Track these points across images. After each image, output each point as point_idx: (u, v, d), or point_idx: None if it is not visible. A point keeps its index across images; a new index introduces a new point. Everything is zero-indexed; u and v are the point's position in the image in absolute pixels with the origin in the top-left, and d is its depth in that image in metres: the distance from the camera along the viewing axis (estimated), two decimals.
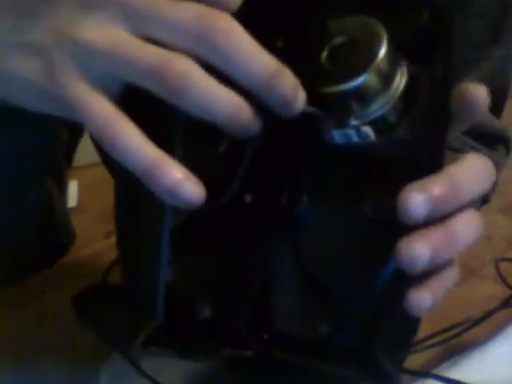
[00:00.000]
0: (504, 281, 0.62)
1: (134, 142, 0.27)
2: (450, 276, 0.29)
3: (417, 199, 0.27)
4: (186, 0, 0.27)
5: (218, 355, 0.33)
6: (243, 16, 0.27)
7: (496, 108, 0.52)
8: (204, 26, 0.26)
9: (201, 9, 0.26)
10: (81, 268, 0.63)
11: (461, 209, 0.29)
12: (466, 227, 0.29)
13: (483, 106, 0.29)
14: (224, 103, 0.27)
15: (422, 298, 0.28)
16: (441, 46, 0.29)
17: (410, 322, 0.33)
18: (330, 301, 0.32)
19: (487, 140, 0.52)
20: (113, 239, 0.40)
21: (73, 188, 0.75)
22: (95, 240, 0.66)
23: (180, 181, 0.26)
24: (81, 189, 0.76)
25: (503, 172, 0.56)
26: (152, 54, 0.26)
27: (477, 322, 0.55)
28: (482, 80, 0.46)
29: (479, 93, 0.29)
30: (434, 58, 0.29)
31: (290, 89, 0.27)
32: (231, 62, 0.26)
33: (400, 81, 0.29)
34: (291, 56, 0.31)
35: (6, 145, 0.36)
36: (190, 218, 0.31)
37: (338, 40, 0.30)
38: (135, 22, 0.27)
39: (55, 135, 0.38)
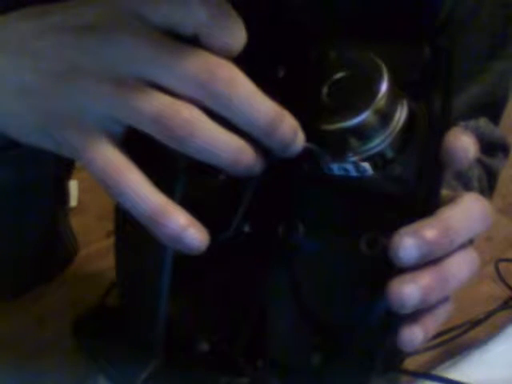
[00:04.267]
0: (504, 281, 0.62)
1: (137, 190, 0.27)
2: (443, 312, 0.30)
3: (409, 244, 0.27)
4: (190, 47, 0.27)
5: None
6: (245, 46, 0.27)
7: (495, 118, 0.52)
8: (206, 74, 0.26)
9: (204, 56, 0.27)
10: (81, 268, 0.63)
11: (454, 250, 0.29)
12: (459, 268, 0.29)
13: (463, 156, 0.29)
14: (227, 148, 0.27)
15: (414, 335, 0.29)
16: (440, 83, 0.29)
17: (401, 356, 0.33)
18: (324, 332, 0.32)
19: (487, 149, 0.52)
20: (113, 239, 0.40)
21: (73, 188, 0.75)
22: (95, 240, 0.66)
23: (184, 228, 0.27)
24: (81, 189, 0.76)
25: (504, 172, 0.56)
26: (156, 100, 0.26)
27: (477, 322, 0.55)
28: (482, 92, 0.47)
29: (460, 142, 0.29)
30: (433, 95, 0.29)
31: (289, 132, 0.28)
32: (232, 110, 0.26)
33: (399, 117, 0.29)
34: (292, 85, 0.31)
35: (8, 167, 0.36)
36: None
37: (339, 75, 0.30)
38: (139, 67, 0.27)
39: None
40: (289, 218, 0.33)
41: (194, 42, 0.27)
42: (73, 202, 0.73)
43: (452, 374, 0.52)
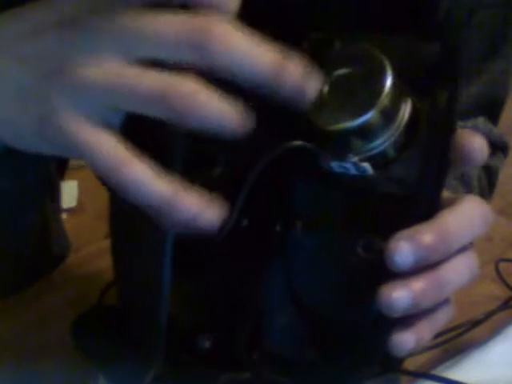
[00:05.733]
0: (504, 281, 0.62)
1: (146, 180, 0.26)
2: (441, 316, 0.29)
3: (404, 249, 0.27)
4: (175, 13, 0.26)
5: (218, 382, 0.33)
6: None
7: (494, 117, 0.52)
8: (195, 32, 0.25)
9: (189, 16, 0.25)
10: (80, 268, 0.63)
11: (452, 254, 0.28)
12: (456, 272, 0.29)
13: (479, 157, 0.28)
14: (230, 116, 0.26)
15: (405, 340, 0.28)
16: (446, 81, 0.29)
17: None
18: (319, 328, 0.32)
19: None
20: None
21: (73, 188, 0.75)
22: (95, 240, 0.66)
23: (202, 210, 0.26)
24: (81, 189, 0.76)
25: (503, 172, 0.56)
26: (154, 80, 0.26)
27: (477, 322, 0.55)
28: (481, 91, 0.46)
29: (476, 142, 0.28)
30: (438, 93, 0.29)
31: (299, 72, 0.26)
32: (231, 65, 0.25)
33: (403, 115, 0.28)
34: None
35: (6, 176, 0.36)
36: (187, 248, 0.31)
37: (341, 71, 0.29)
38: (128, 47, 0.26)
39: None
40: (287, 214, 0.32)
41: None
42: (72, 202, 0.74)
43: (452, 374, 0.52)
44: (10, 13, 0.30)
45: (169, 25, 0.25)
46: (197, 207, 0.26)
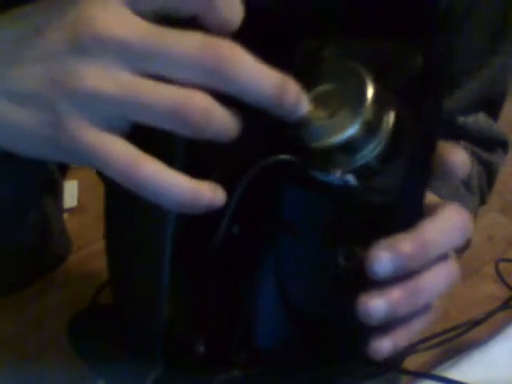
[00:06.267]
0: (504, 281, 0.62)
1: (164, 178, 0.26)
2: (419, 323, 0.30)
3: (384, 258, 0.27)
4: (187, 32, 0.26)
5: (213, 382, 0.33)
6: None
7: (494, 114, 0.52)
8: (209, 58, 0.26)
9: (203, 40, 0.26)
10: (81, 268, 0.63)
11: (431, 263, 0.29)
12: (434, 281, 0.29)
13: (461, 171, 0.29)
14: (235, 126, 0.27)
15: (381, 345, 0.29)
16: (432, 95, 0.29)
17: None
18: (308, 328, 0.32)
19: (486, 144, 0.52)
20: None
21: (73, 188, 0.75)
22: (95, 240, 0.66)
23: (214, 197, 0.28)
24: (81, 189, 0.76)
25: (503, 171, 0.56)
26: (169, 94, 0.26)
27: (477, 322, 0.55)
28: (482, 87, 0.46)
29: (458, 158, 0.29)
30: (422, 106, 0.29)
31: (295, 97, 0.28)
32: (241, 87, 0.26)
33: (386, 129, 0.29)
34: None
35: (7, 178, 0.35)
36: (184, 257, 0.31)
37: (324, 87, 0.30)
38: (138, 62, 0.26)
39: None
40: (275, 220, 0.33)
41: (183, 24, 0.26)
42: (73, 202, 0.74)
43: (452, 374, 0.52)
44: (10, 14, 0.29)
45: (180, 44, 0.26)
46: (213, 195, 0.27)
